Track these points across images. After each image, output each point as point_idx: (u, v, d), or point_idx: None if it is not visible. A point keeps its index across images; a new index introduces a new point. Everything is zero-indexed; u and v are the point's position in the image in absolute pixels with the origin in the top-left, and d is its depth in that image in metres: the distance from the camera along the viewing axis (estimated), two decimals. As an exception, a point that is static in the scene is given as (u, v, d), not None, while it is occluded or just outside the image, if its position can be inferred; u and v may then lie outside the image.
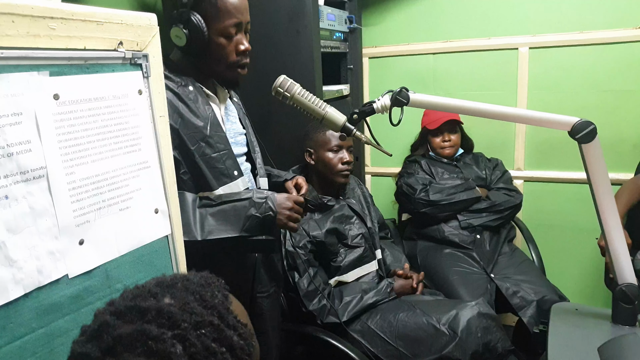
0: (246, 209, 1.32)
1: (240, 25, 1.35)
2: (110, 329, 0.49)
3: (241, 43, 1.36)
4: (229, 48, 1.34)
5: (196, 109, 1.33)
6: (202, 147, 1.33)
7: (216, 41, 1.32)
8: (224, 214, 1.32)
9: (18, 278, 0.73)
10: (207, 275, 0.60)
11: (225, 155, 1.37)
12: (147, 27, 0.95)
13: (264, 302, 1.55)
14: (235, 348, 0.52)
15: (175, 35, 1.30)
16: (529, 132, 2.54)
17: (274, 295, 1.60)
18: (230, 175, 1.38)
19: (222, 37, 1.33)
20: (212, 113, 1.37)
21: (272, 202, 1.34)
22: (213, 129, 1.35)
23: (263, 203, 1.33)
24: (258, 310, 1.54)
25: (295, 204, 1.39)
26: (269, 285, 1.57)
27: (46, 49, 0.77)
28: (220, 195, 1.35)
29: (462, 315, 1.66)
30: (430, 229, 2.34)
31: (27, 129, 0.75)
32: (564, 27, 2.37)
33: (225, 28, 1.31)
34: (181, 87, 1.33)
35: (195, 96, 1.34)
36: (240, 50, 1.36)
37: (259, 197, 1.34)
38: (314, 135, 1.97)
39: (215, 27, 1.31)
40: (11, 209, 0.72)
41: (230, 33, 1.33)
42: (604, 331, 1.30)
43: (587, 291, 2.55)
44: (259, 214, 1.33)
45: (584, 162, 1.25)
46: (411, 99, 1.26)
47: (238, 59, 1.37)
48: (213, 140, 1.35)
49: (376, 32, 2.75)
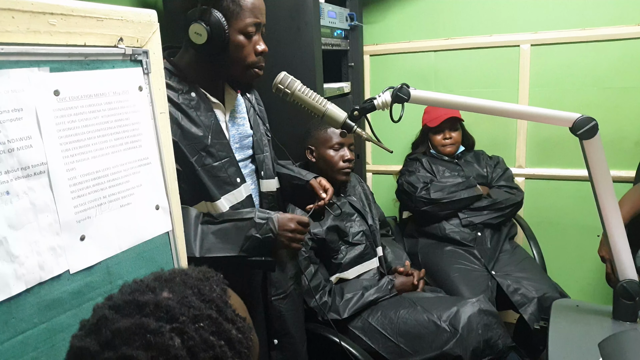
0: (247, 229, 1.32)
1: (259, 26, 1.34)
2: (108, 322, 0.49)
3: (259, 44, 1.35)
4: (248, 48, 1.33)
5: (197, 117, 1.31)
6: (202, 157, 1.31)
7: (235, 40, 1.31)
8: (225, 233, 1.32)
9: (20, 273, 0.74)
10: (205, 270, 0.60)
11: (227, 163, 1.36)
12: (148, 23, 0.95)
13: (281, 304, 1.53)
14: (234, 341, 0.53)
15: (195, 32, 1.26)
16: (530, 129, 2.54)
17: (293, 293, 1.58)
18: (233, 182, 1.37)
19: (241, 36, 1.31)
20: (215, 120, 1.35)
21: (274, 223, 1.33)
22: (215, 137, 1.34)
23: (264, 224, 1.32)
24: (276, 313, 1.52)
25: (298, 225, 1.37)
26: (285, 285, 1.55)
27: (46, 45, 0.77)
28: (223, 214, 1.34)
29: (463, 312, 1.66)
30: (431, 226, 2.34)
31: (28, 125, 0.75)
32: (566, 24, 2.37)
33: (245, 27, 1.30)
34: (182, 94, 1.31)
35: (197, 103, 1.33)
36: (259, 51, 1.35)
37: (261, 218, 1.33)
38: (315, 133, 1.98)
39: (235, 26, 1.29)
40: (12, 204, 0.73)
41: (250, 32, 1.31)
42: (605, 327, 1.30)
43: (588, 288, 2.55)
44: (259, 234, 1.32)
45: (585, 159, 1.25)
46: (412, 96, 1.26)
47: (256, 59, 1.35)
48: (215, 149, 1.33)
49: (377, 29, 2.74)
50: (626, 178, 2.32)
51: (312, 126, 1.99)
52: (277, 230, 1.33)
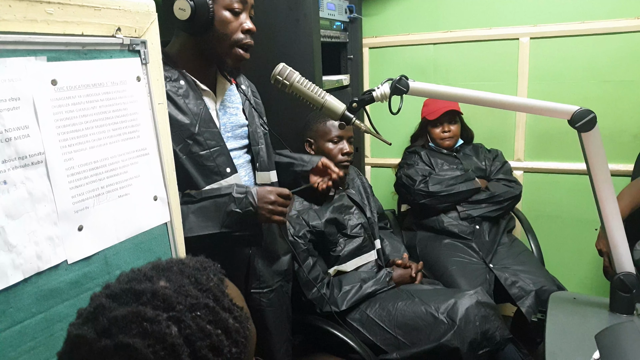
0: (226, 205, 1.30)
1: (245, 4, 1.33)
2: (105, 311, 0.49)
3: (246, 22, 1.33)
4: (234, 25, 1.32)
5: (184, 105, 1.30)
6: (188, 145, 1.30)
7: (221, 16, 1.30)
8: (205, 211, 1.30)
9: (17, 263, 0.74)
10: (202, 260, 0.60)
11: (216, 152, 1.35)
12: (146, 13, 0.95)
13: (262, 297, 1.51)
14: (231, 330, 0.53)
15: (179, 8, 1.26)
16: (529, 123, 2.54)
17: (279, 290, 1.56)
18: (221, 172, 1.36)
19: (227, 12, 1.30)
20: (204, 108, 1.34)
21: (253, 197, 1.31)
22: (203, 126, 1.32)
23: (243, 198, 1.31)
24: (255, 305, 1.49)
25: (278, 197, 1.35)
26: (271, 280, 1.53)
27: (43, 34, 0.77)
28: (201, 191, 1.32)
29: (460, 304, 1.66)
30: (430, 219, 2.34)
31: (25, 114, 0.75)
32: (565, 17, 2.36)
33: (231, 2, 1.29)
34: (171, 82, 1.30)
35: (186, 91, 1.32)
36: (245, 29, 1.33)
37: (239, 192, 1.31)
38: (314, 126, 1.97)
39: (220, 1, 1.29)
40: (10, 194, 0.73)
41: (236, 9, 1.31)
42: (602, 319, 1.30)
43: (585, 282, 2.56)
44: (239, 209, 1.30)
45: (584, 152, 1.25)
46: (411, 87, 1.26)
47: (242, 37, 1.34)
48: (202, 137, 1.32)
49: (376, 22, 2.73)
50: (624, 172, 2.32)
51: (311, 118, 1.98)
52: (257, 203, 1.31)
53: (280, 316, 1.58)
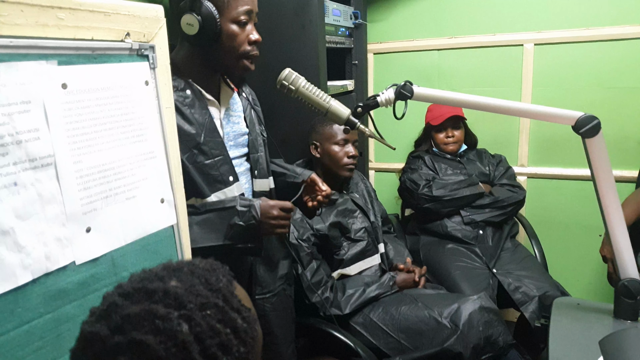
0: (230, 217, 1.32)
1: (251, 14, 1.34)
2: (118, 309, 0.50)
3: (252, 34, 1.35)
4: (241, 37, 1.33)
5: (191, 114, 1.31)
6: (194, 155, 1.32)
7: (228, 30, 1.31)
8: (209, 223, 1.32)
9: (26, 263, 0.75)
10: (212, 262, 0.62)
11: (220, 162, 1.36)
12: (154, 18, 0.96)
13: (266, 303, 1.53)
14: (239, 330, 0.54)
15: (187, 23, 1.27)
16: (533, 128, 2.54)
17: (281, 294, 1.57)
18: (225, 181, 1.38)
19: (234, 25, 1.31)
20: (209, 118, 1.36)
21: (256, 210, 1.33)
22: (208, 135, 1.34)
23: (247, 212, 1.33)
24: (260, 311, 1.50)
25: (281, 211, 1.36)
26: (273, 284, 1.55)
27: (54, 39, 0.78)
28: (205, 203, 1.34)
29: (464, 309, 1.66)
30: (433, 224, 2.34)
31: (36, 117, 0.76)
32: (569, 24, 2.37)
33: (237, 15, 1.30)
34: (177, 91, 1.31)
35: (192, 101, 1.33)
36: (252, 40, 1.35)
37: (243, 206, 1.33)
38: (320, 129, 1.98)
39: (227, 15, 1.30)
40: (20, 195, 0.74)
41: (242, 20, 1.32)
42: (606, 325, 1.30)
43: (589, 288, 2.56)
44: (242, 222, 1.32)
45: (588, 158, 1.25)
46: (415, 93, 1.27)
47: (249, 48, 1.35)
48: (208, 147, 1.33)
49: (381, 27, 2.75)
50: (629, 178, 2.32)
51: (317, 122, 2.00)
52: (260, 217, 1.33)
53: (284, 319, 1.60)
